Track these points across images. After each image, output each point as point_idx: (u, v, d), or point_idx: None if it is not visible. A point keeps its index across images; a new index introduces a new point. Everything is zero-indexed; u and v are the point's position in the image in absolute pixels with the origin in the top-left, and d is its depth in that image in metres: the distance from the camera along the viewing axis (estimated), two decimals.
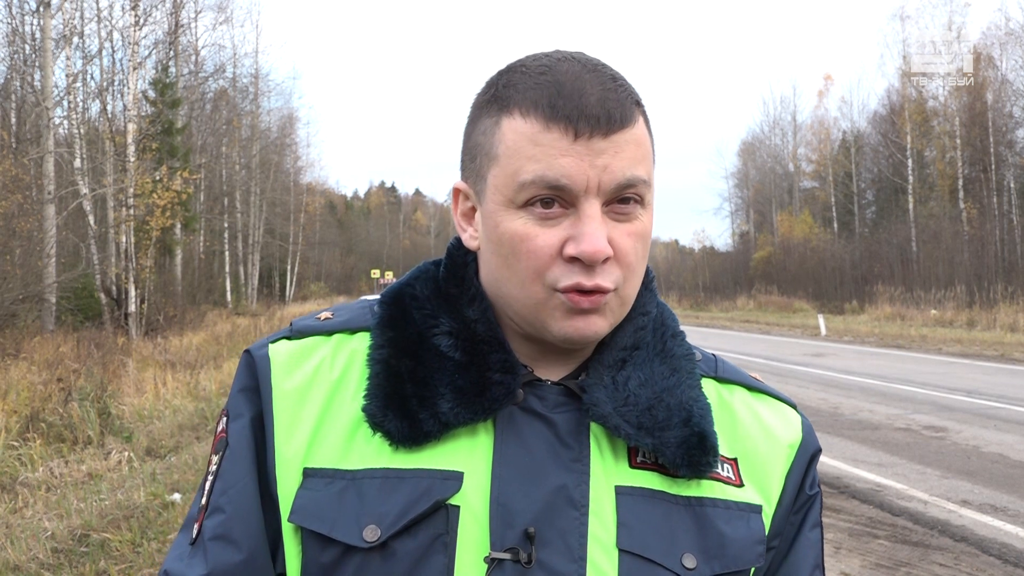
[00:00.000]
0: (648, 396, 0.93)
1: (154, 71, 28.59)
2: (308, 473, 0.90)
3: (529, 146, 0.86)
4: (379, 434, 0.90)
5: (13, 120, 23.51)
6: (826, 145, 56.71)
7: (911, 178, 44.48)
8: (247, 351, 0.98)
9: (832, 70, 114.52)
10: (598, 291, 0.87)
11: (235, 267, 41.06)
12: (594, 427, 0.92)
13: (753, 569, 0.96)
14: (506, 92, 0.90)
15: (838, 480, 7.78)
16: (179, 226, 27.90)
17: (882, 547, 5.85)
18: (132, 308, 19.06)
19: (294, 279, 50.65)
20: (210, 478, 0.95)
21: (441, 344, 0.93)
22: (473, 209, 0.95)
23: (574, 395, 0.93)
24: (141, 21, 22.14)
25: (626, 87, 0.91)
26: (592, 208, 0.86)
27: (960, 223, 40.08)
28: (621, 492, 0.91)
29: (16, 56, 23.57)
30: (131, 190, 19.46)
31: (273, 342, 0.98)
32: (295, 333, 0.98)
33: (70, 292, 19.52)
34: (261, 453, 0.93)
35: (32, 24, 23.45)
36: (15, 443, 8.05)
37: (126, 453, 7.93)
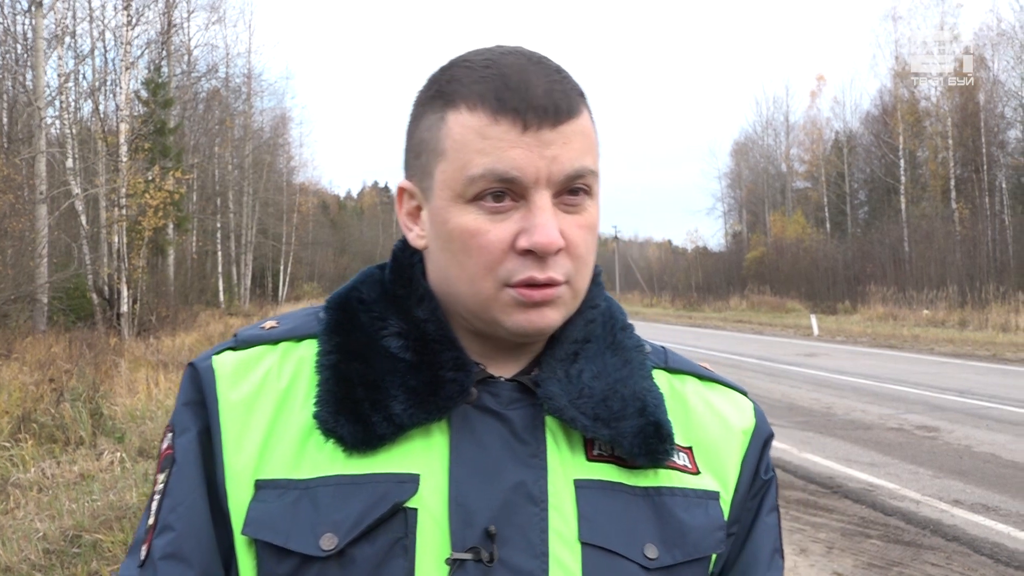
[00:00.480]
0: (602, 388, 0.93)
1: (147, 71, 28.53)
2: (260, 485, 0.88)
3: (477, 139, 0.86)
4: (332, 440, 0.88)
5: (5, 120, 23.45)
6: (819, 145, 56.83)
7: (903, 178, 44.60)
8: (191, 364, 0.96)
9: (825, 70, 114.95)
10: (550, 284, 0.86)
11: (228, 267, 40.99)
12: (550, 422, 0.92)
13: (715, 556, 0.96)
14: (450, 87, 0.89)
15: (831, 480, 7.80)
16: (171, 226, 27.84)
17: (874, 547, 5.86)
18: (124, 308, 19.01)
19: (287, 279, 50.52)
20: (157, 497, 0.93)
21: (391, 346, 0.92)
22: (419, 208, 0.94)
23: (528, 391, 0.92)
24: (133, 21, 22.09)
25: (570, 79, 0.91)
26: (543, 200, 0.86)
27: (952, 223, 40.19)
28: (580, 485, 0.90)
29: (8, 56, 23.50)
30: (123, 190, 19.41)
31: (217, 353, 0.96)
32: (240, 343, 0.96)
33: (62, 292, 19.47)
34: (210, 467, 0.91)
35: (24, 24, 23.40)
36: (7, 444, 8.02)
37: (118, 454, 7.90)
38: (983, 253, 37.27)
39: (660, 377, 1.01)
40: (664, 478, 0.94)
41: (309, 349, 0.94)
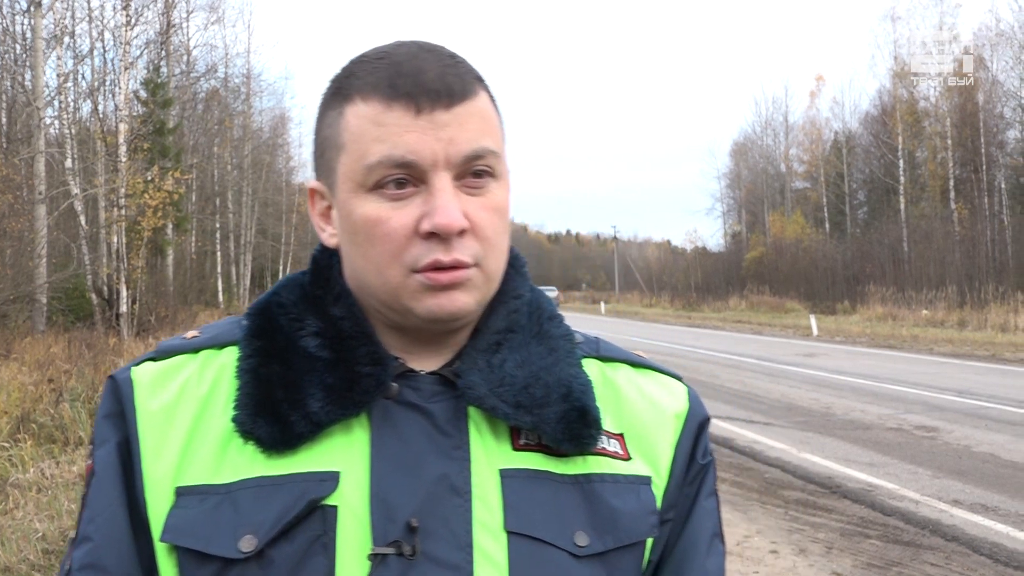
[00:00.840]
0: (525, 376, 0.92)
1: (145, 71, 28.50)
2: (181, 492, 0.88)
3: (373, 128, 0.86)
4: (251, 443, 0.88)
5: (4, 120, 23.44)
6: (818, 146, 56.85)
7: (902, 179, 44.62)
8: (111, 376, 0.96)
9: (824, 71, 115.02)
10: (457, 266, 0.86)
11: (227, 267, 40.95)
12: (474, 413, 0.91)
13: (651, 541, 0.95)
14: (347, 82, 0.90)
15: (830, 480, 7.80)
16: (171, 226, 27.82)
17: (874, 547, 5.87)
18: (123, 308, 19.00)
19: None
20: (80, 512, 0.94)
21: (309, 345, 0.92)
22: (330, 208, 0.94)
23: (450, 383, 0.92)
24: (132, 21, 22.09)
25: (465, 64, 0.91)
26: (443, 181, 0.85)
27: (951, 223, 40.20)
28: (506, 475, 0.90)
29: (7, 56, 23.50)
30: (122, 190, 19.40)
31: (137, 365, 0.96)
32: (160, 354, 0.97)
33: (61, 292, 19.47)
34: (129, 477, 0.91)
35: (23, 24, 23.39)
36: (6, 444, 8.02)
37: None
38: (982, 253, 37.27)
39: (591, 365, 1.01)
40: (594, 465, 0.94)
41: (230, 356, 0.94)
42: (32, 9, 19.50)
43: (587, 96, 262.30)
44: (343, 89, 0.90)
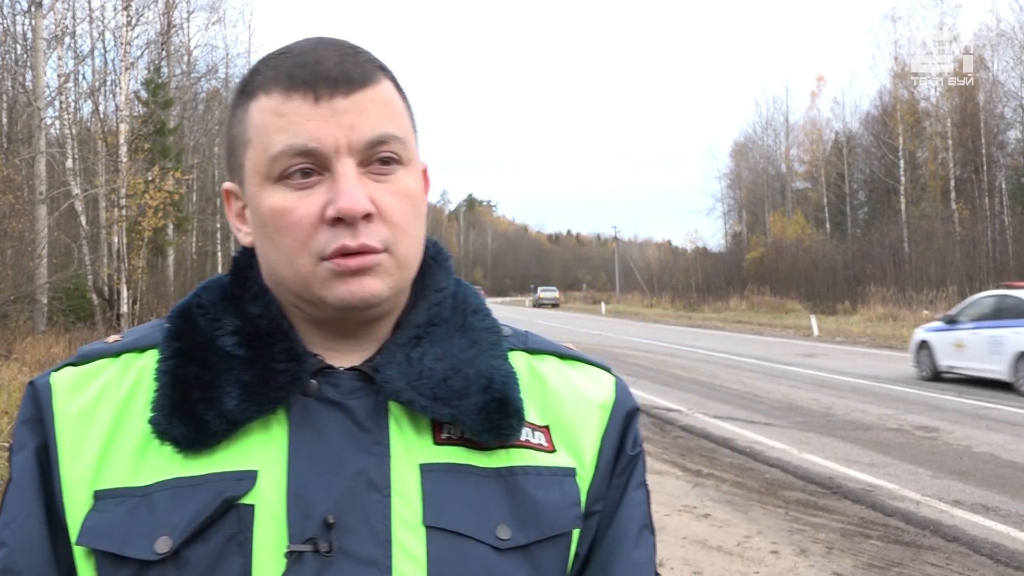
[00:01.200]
0: (444, 368, 0.92)
1: (146, 71, 28.53)
2: (99, 495, 0.88)
3: (275, 119, 0.87)
4: (168, 444, 0.88)
5: (4, 120, 23.45)
6: (818, 146, 56.85)
7: (903, 179, 44.61)
8: (30, 383, 0.95)
9: (824, 71, 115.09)
10: (365, 250, 0.86)
11: (228, 268, 40.93)
12: (394, 408, 0.91)
13: (577, 533, 0.95)
14: (251, 80, 0.91)
15: (830, 480, 7.80)
16: (171, 227, 27.82)
17: (874, 547, 5.86)
18: (124, 309, 19.01)
19: None
20: None
21: (226, 345, 0.92)
22: (244, 208, 0.94)
23: (370, 379, 0.91)
24: (133, 21, 22.11)
25: (366, 54, 0.91)
26: (346, 167, 0.86)
27: (952, 224, 40.20)
28: (426, 470, 0.89)
29: (7, 56, 23.50)
30: (123, 190, 19.41)
31: (57, 370, 0.96)
32: (80, 358, 0.96)
33: (62, 293, 19.48)
34: (47, 481, 0.91)
35: (24, 24, 23.40)
36: (6, 444, 8.03)
37: None
38: (983, 253, 37.28)
39: (518, 358, 1.00)
40: (517, 458, 0.93)
41: (151, 359, 0.94)
42: (33, 9, 19.51)
43: (588, 96, 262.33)
44: (247, 87, 0.91)
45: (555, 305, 69.31)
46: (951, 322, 15.37)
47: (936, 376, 15.29)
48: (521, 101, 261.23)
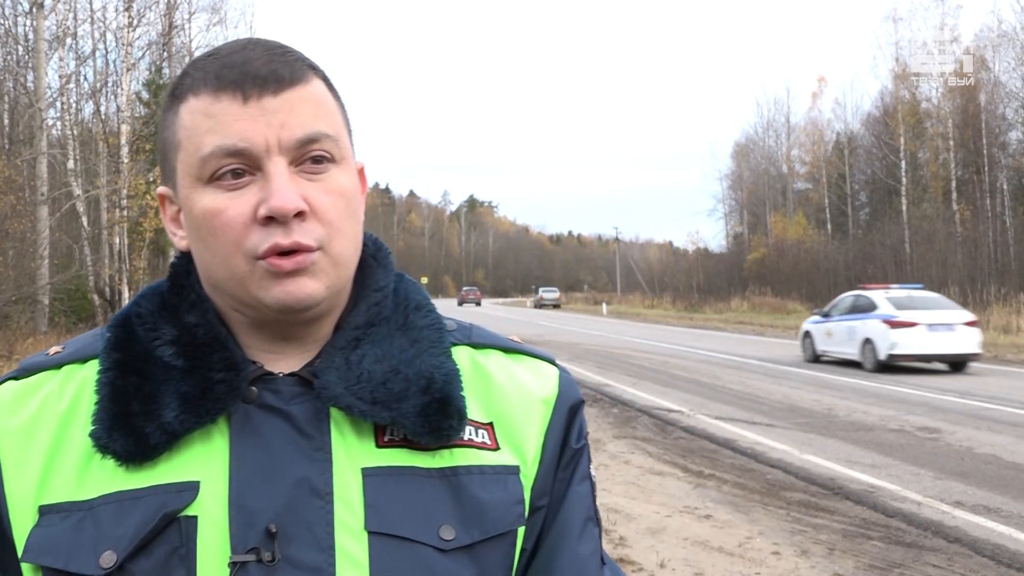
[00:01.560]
0: (383, 370, 0.92)
1: (148, 72, 28.55)
2: (44, 511, 0.87)
3: (204, 120, 0.86)
4: (109, 457, 0.87)
5: (6, 121, 23.46)
6: (819, 147, 56.84)
7: (904, 180, 44.59)
8: None
9: (825, 72, 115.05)
10: (298, 249, 0.86)
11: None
12: (335, 413, 0.90)
13: (522, 531, 0.95)
14: (180, 83, 0.91)
15: (832, 481, 7.79)
16: None
17: (876, 548, 5.86)
18: None
19: None
20: None
21: (164, 355, 0.91)
22: (179, 211, 0.93)
23: (310, 384, 0.91)
24: (135, 22, 22.13)
25: (296, 53, 0.91)
26: (277, 166, 0.85)
27: (953, 224, 40.18)
28: (368, 474, 0.89)
29: (9, 57, 23.53)
30: (124, 191, 19.43)
31: None
32: (21, 372, 0.95)
33: (63, 293, 19.49)
34: None
35: (25, 25, 23.43)
36: None
37: None
38: (984, 254, 37.26)
39: (462, 353, 0.99)
40: (460, 457, 0.93)
41: (92, 370, 0.93)
42: (34, 10, 19.53)
43: (589, 98, 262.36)
44: (177, 90, 0.91)
45: (556, 306, 69.31)
46: (825, 316, 18.93)
47: (816, 359, 18.87)
48: (523, 102, 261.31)
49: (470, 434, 0.94)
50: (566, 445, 0.99)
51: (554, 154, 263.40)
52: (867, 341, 16.97)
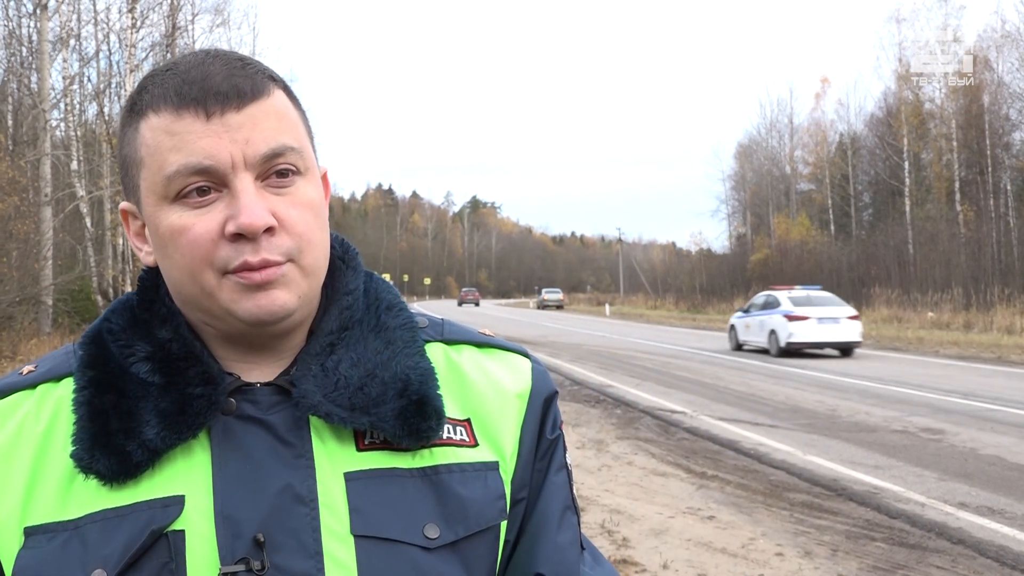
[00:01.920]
0: (360, 375, 0.92)
1: None
2: (29, 532, 0.87)
3: (167, 138, 0.86)
4: (92, 477, 0.87)
5: (10, 122, 23.49)
6: (823, 147, 56.80)
7: (908, 180, 44.55)
8: None
9: (829, 73, 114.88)
10: (267, 265, 0.86)
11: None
12: (314, 419, 0.91)
13: (505, 525, 0.96)
14: (139, 98, 0.90)
15: (835, 482, 7.79)
16: None
17: (879, 549, 5.85)
18: None
19: None
20: None
21: (140, 372, 0.91)
22: (144, 226, 0.93)
23: (287, 392, 0.91)
24: (138, 23, 22.16)
25: (256, 65, 0.91)
26: (244, 183, 0.85)
27: (957, 225, 40.14)
28: (350, 478, 0.90)
29: (13, 58, 23.57)
30: None
31: None
32: None
33: (67, 294, 19.52)
34: None
35: (29, 26, 23.46)
36: None
37: None
38: (988, 255, 37.20)
39: (436, 350, 1.00)
40: (440, 456, 0.94)
41: (67, 388, 0.93)
42: (38, 12, 19.56)
43: (592, 99, 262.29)
44: (136, 105, 0.90)
45: (559, 307, 69.30)
46: (746, 312, 22.80)
47: (739, 347, 22.57)
48: (526, 103, 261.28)
49: (448, 432, 0.95)
50: (542, 437, 1.01)
51: (557, 155, 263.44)
52: (772, 332, 20.75)
